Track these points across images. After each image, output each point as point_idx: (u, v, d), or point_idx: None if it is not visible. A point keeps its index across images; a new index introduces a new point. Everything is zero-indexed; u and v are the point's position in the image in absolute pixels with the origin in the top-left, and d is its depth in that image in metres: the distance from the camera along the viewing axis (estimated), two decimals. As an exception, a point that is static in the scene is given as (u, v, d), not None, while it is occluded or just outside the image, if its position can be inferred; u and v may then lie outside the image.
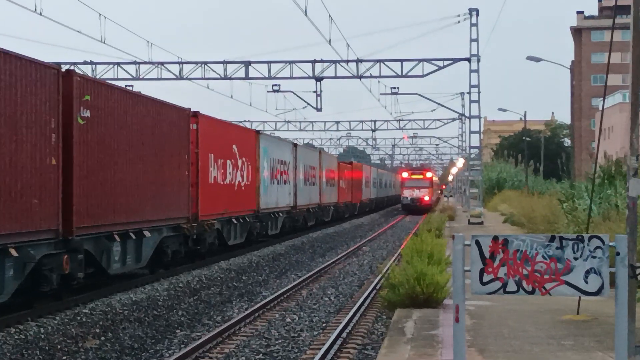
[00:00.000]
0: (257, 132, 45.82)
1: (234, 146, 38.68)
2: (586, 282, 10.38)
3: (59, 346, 18.63)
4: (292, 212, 52.78)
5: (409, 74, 58.68)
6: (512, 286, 10.42)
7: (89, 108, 23.47)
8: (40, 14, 39.34)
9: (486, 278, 10.44)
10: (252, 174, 41.99)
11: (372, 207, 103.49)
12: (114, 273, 25.53)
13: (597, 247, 10.37)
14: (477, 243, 10.46)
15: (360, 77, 59.65)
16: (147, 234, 27.49)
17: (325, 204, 67.42)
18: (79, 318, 20.99)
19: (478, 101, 63.84)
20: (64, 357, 18.01)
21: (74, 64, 57.89)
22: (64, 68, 23.25)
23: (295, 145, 55.63)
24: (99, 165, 24.24)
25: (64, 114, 22.09)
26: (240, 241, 40.10)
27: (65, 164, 22.11)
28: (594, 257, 10.36)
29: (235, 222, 38.46)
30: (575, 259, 10.37)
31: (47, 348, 18.31)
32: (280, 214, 49.02)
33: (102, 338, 19.96)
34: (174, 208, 30.41)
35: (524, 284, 10.41)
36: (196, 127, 33.06)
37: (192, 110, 33.00)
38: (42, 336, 18.88)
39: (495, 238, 10.48)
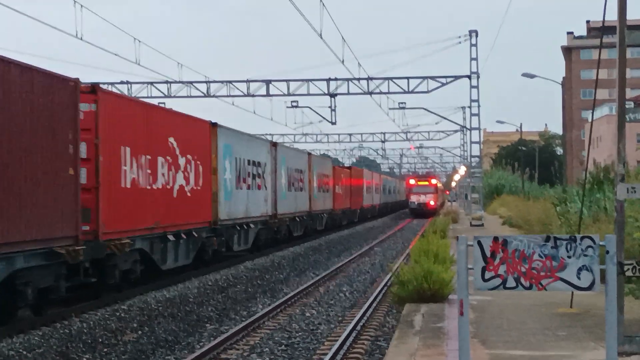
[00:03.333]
0: (214, 124, 32.70)
1: (171, 140, 27.57)
2: (579, 278, 10.37)
3: (99, 339, 18.66)
4: (269, 222, 41.82)
5: (415, 90, 58.71)
6: (511, 282, 10.41)
7: None
8: (81, 38, 39.47)
9: (487, 275, 10.44)
10: (205, 177, 31.17)
11: (374, 213, 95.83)
12: None
13: (588, 247, 10.36)
14: (479, 243, 10.46)
15: (371, 93, 59.66)
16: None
17: (317, 211, 56.72)
18: (117, 314, 21.02)
19: (478, 114, 63.76)
20: (105, 350, 18.03)
21: (112, 83, 58.05)
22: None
23: (274, 144, 44.38)
24: None
25: None
26: (185, 262, 29.31)
27: None
28: (585, 255, 10.35)
29: (172, 238, 27.34)
30: (569, 257, 10.36)
31: (89, 341, 18.34)
32: (252, 225, 38.05)
33: (139, 332, 19.98)
34: (42, 224, 19.09)
35: (522, 280, 10.40)
36: (95, 108, 22.38)
37: (88, 83, 22.80)
38: (85, 330, 18.92)
39: (496, 239, 10.48)
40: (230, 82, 60.34)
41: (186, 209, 28.91)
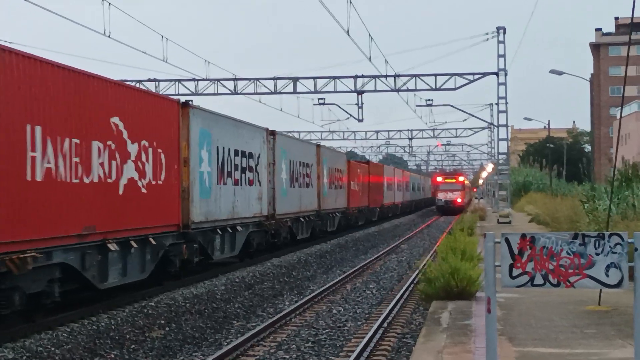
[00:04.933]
0: (185, 104, 26.32)
1: (115, 120, 21.23)
2: (607, 275, 10.31)
3: (127, 336, 18.72)
4: (264, 224, 35.07)
5: (442, 87, 58.61)
6: (539, 280, 10.36)
7: None
8: (109, 36, 39.58)
9: (515, 272, 10.39)
10: (170, 170, 24.77)
11: (396, 212, 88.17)
12: None
13: (616, 244, 10.30)
14: (507, 240, 10.42)
15: (398, 90, 59.57)
16: None
17: (328, 210, 49.93)
18: (145, 310, 21.09)
19: (506, 111, 63.57)
20: (132, 346, 18.10)
21: (139, 81, 58.28)
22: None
23: (271, 132, 36.97)
24: None
25: None
26: (139, 278, 22.88)
27: None
28: (614, 252, 10.29)
29: (115, 248, 20.90)
30: (597, 254, 10.30)
31: (117, 337, 18.41)
32: (240, 228, 31.54)
33: (167, 328, 20.03)
34: None
35: (550, 277, 10.35)
36: None
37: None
38: (113, 327, 18.98)
39: (523, 236, 10.43)
40: (257, 79, 60.42)
41: (140, 210, 22.56)
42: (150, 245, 23.31)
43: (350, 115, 66.76)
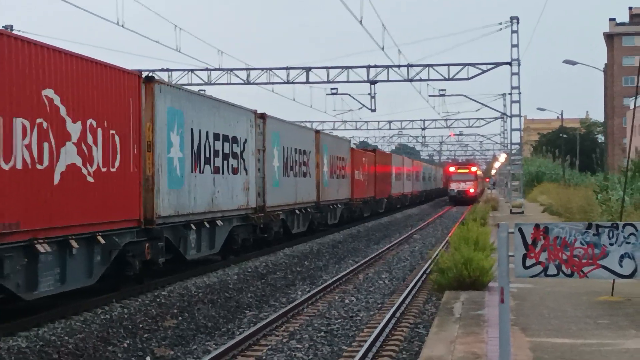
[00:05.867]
0: (149, 79, 22.99)
1: (47, 94, 17.64)
2: (621, 265, 10.28)
3: (140, 325, 18.76)
4: (252, 218, 31.41)
5: (455, 77, 58.43)
6: (552, 270, 10.34)
7: None
8: (122, 25, 39.61)
9: (528, 262, 10.37)
10: (127, 155, 21.09)
11: (405, 202, 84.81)
12: None
13: (630, 234, 10.27)
14: (520, 230, 10.39)
15: (411, 80, 59.44)
16: None
17: (329, 201, 46.21)
18: (158, 300, 21.13)
19: (519, 101, 63.31)
20: (145, 335, 18.13)
21: (152, 71, 58.28)
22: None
23: (261, 115, 33.34)
24: None
25: None
26: (85, 284, 19.40)
27: None
28: (627, 242, 10.26)
29: (47, 250, 17.38)
30: (611, 244, 10.27)
31: (130, 327, 18.45)
32: (221, 223, 27.82)
33: (179, 318, 20.07)
34: None
35: (564, 267, 10.32)
36: None
37: None
38: (126, 316, 19.02)
39: (537, 226, 10.41)
40: (270, 69, 60.36)
41: (84, 203, 18.98)
42: (99, 245, 19.62)
43: (363, 105, 66.62)
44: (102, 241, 19.71)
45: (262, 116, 33.37)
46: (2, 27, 18.60)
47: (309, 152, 41.93)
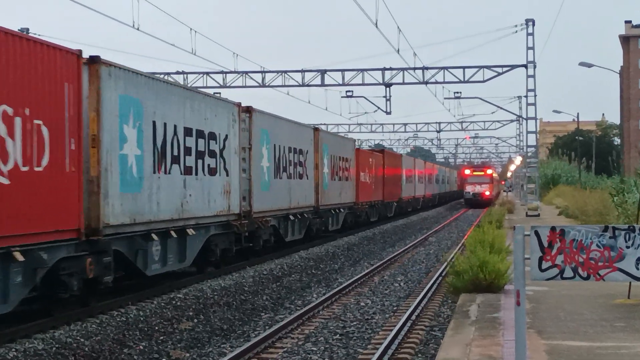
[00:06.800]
0: (93, 59, 18.90)
1: None
2: (637, 268, 10.25)
3: (156, 327, 18.79)
4: (234, 225, 27.27)
5: (471, 80, 58.41)
6: (568, 273, 10.31)
7: None
8: (138, 29, 39.72)
9: (545, 265, 10.35)
10: (62, 151, 17.37)
11: (417, 206, 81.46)
12: None
13: (647, 237, 10.24)
14: (537, 233, 10.37)
15: (426, 83, 59.42)
16: None
17: (330, 205, 42.35)
18: (173, 302, 21.16)
19: (534, 104, 63.20)
20: (161, 338, 18.16)
21: (168, 73, 58.43)
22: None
23: (246, 109, 29.25)
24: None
25: None
26: None
27: None
28: (644, 245, 10.23)
29: None
30: (627, 247, 10.24)
31: (146, 329, 18.48)
32: (192, 232, 23.72)
33: (195, 320, 20.09)
34: None
35: (580, 270, 10.30)
36: None
37: None
38: (141, 318, 19.05)
39: (553, 228, 10.38)
40: (285, 72, 60.42)
41: None
42: (17, 263, 15.76)
43: (378, 108, 66.70)
44: (21, 258, 15.75)
45: (248, 110, 29.44)
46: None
47: (306, 152, 38.21)
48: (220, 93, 54.59)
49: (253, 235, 29.92)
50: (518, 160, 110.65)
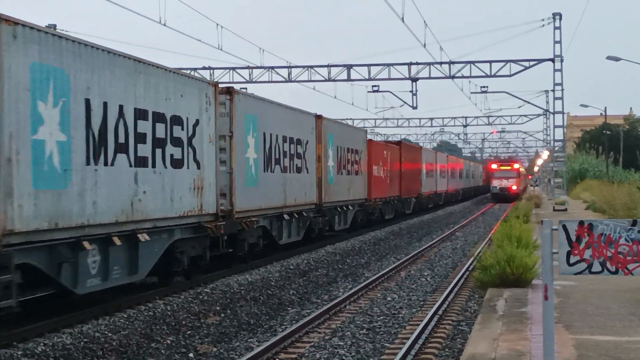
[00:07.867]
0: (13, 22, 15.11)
1: None
2: (666, 263, 10.19)
3: (183, 322, 18.85)
4: (208, 228, 23.11)
5: (497, 74, 58.19)
6: (597, 267, 10.26)
7: None
8: (164, 24, 39.79)
9: (572, 259, 10.30)
10: None
11: (439, 202, 77.74)
12: None
13: (676, 231, 10.17)
14: (564, 227, 10.32)
15: (453, 77, 59.23)
16: None
17: (335, 202, 38.17)
18: (201, 297, 21.21)
19: (561, 98, 62.91)
20: (188, 332, 18.21)
21: (194, 69, 58.54)
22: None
23: (227, 90, 25.62)
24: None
25: None
26: None
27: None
28: (673, 239, 10.17)
29: None
30: (656, 241, 10.18)
31: (173, 323, 18.54)
32: (147, 237, 19.56)
33: (222, 315, 20.13)
34: None
35: (608, 265, 10.24)
36: None
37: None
38: (169, 313, 19.12)
39: (581, 223, 10.33)
40: (311, 66, 60.38)
41: None
42: None
43: (404, 103, 66.56)
44: None
45: (229, 91, 25.53)
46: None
47: (306, 142, 33.70)
48: (246, 88, 54.66)
49: (236, 238, 26.03)
50: (545, 154, 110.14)
